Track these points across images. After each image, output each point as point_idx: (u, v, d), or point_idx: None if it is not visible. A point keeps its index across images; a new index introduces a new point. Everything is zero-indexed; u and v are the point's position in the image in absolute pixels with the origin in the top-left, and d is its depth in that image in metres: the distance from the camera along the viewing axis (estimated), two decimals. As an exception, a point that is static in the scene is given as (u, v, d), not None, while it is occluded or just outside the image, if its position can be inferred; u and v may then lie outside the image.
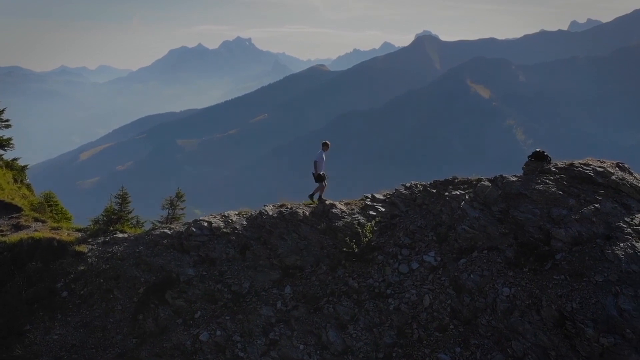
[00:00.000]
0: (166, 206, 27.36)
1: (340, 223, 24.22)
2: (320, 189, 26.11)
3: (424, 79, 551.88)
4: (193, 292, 22.89)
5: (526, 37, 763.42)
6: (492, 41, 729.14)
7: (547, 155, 24.57)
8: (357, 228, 23.83)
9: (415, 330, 21.34)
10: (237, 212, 25.54)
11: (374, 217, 24.54)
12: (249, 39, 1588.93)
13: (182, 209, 27.62)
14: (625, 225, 21.99)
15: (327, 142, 26.28)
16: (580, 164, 24.14)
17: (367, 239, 23.65)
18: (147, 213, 29.94)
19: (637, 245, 21.25)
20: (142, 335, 21.98)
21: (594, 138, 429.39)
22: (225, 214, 25.37)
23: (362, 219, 24.36)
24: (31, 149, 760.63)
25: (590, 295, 20.43)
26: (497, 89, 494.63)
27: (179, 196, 27.61)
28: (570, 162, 24.39)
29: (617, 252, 21.11)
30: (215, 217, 25.12)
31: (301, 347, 21.26)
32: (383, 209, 24.93)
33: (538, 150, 24.80)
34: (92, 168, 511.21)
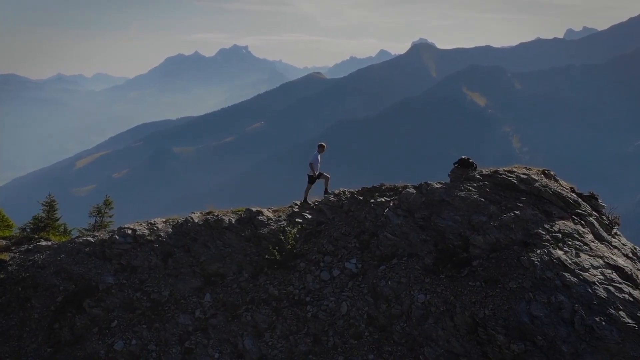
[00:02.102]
0: (94, 214, 27.30)
1: (265, 230, 24.22)
2: (326, 182, 26.27)
3: (420, 87, 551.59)
4: (111, 300, 22.81)
5: (522, 44, 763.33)
6: (488, 49, 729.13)
7: (472, 162, 24.62)
8: (280, 235, 23.84)
9: (331, 337, 21.31)
10: (164, 220, 25.48)
11: (300, 224, 24.53)
12: (246, 47, 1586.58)
13: (110, 216, 27.58)
14: (544, 232, 22.02)
15: (323, 143, 26.57)
16: (505, 170, 24.19)
17: (290, 246, 23.63)
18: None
19: (553, 252, 21.28)
20: (57, 344, 21.88)
21: (590, 145, 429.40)
22: (152, 221, 25.29)
23: (287, 226, 24.35)
24: (27, 157, 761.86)
25: (503, 302, 20.46)
26: (493, 97, 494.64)
27: (107, 203, 27.58)
28: (495, 169, 24.43)
29: (533, 258, 21.14)
30: (141, 224, 25.03)
31: (216, 355, 21.22)
32: (310, 216, 24.93)
33: (463, 157, 24.85)
34: (88, 176, 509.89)
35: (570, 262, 21.02)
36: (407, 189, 24.54)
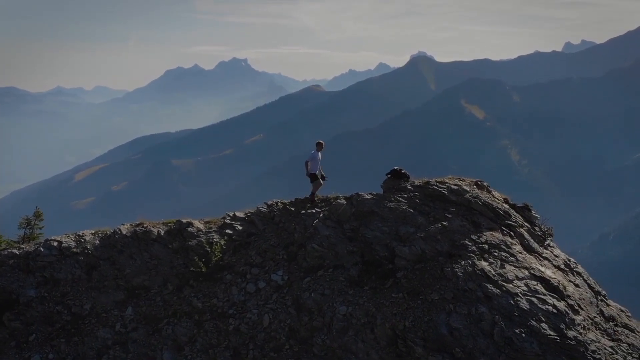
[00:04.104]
0: (23, 225, 26.90)
1: (194, 242, 23.90)
2: (316, 187, 25.40)
3: (419, 100, 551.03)
4: (31, 313, 22.41)
5: (520, 58, 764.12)
6: (486, 62, 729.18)
7: (404, 173, 24.33)
8: (207, 247, 23.53)
9: (251, 350, 20.95)
10: (93, 232, 25.14)
11: (230, 235, 24.22)
12: (245, 60, 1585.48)
13: (40, 228, 27.15)
14: (470, 243, 21.73)
15: (321, 141, 25.81)
16: (437, 181, 23.92)
17: (216, 258, 23.32)
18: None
19: (477, 263, 20.98)
20: (-26, 358, 21.61)
21: (588, 158, 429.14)
22: (80, 233, 24.92)
23: (216, 238, 24.04)
24: (26, 169, 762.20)
25: (423, 314, 20.16)
26: (491, 110, 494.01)
27: (37, 215, 27.18)
28: (427, 180, 24.16)
29: (457, 270, 20.84)
30: (68, 236, 24.68)
31: (134, 369, 20.89)
32: (241, 228, 24.62)
33: (396, 168, 24.55)
34: (87, 188, 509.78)
35: (494, 273, 20.72)
36: (338, 200, 24.29)
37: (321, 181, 25.47)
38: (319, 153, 25.50)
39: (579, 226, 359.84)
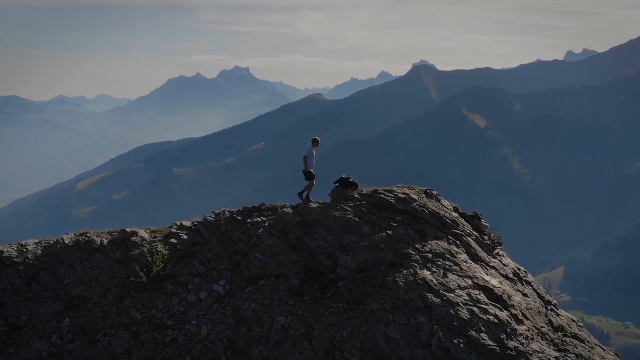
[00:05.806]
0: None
1: (137, 251, 23.49)
2: (309, 187, 24.39)
3: (421, 108, 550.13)
4: (-33, 324, 22.10)
5: (522, 66, 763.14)
6: (488, 70, 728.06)
7: (353, 182, 23.93)
8: (148, 256, 23.15)
9: (187, 362, 20.58)
10: (37, 241, 24.74)
11: (174, 244, 23.84)
12: (247, 68, 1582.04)
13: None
14: (414, 252, 21.35)
15: (317, 137, 24.95)
16: (385, 190, 23.54)
17: (158, 268, 22.93)
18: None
19: (419, 272, 20.59)
20: None
21: (590, 167, 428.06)
22: (23, 242, 24.53)
23: (160, 247, 23.66)
24: (28, 178, 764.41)
25: (362, 324, 19.80)
26: (493, 118, 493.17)
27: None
28: (375, 188, 23.80)
29: (398, 279, 20.46)
30: (11, 246, 24.28)
31: (67, 381, 20.48)
32: (186, 237, 24.22)
33: (344, 176, 24.12)
34: (89, 197, 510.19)
35: (435, 282, 20.32)
36: (284, 209, 23.94)
37: (314, 182, 24.51)
38: (314, 150, 24.58)
39: (581, 234, 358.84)
